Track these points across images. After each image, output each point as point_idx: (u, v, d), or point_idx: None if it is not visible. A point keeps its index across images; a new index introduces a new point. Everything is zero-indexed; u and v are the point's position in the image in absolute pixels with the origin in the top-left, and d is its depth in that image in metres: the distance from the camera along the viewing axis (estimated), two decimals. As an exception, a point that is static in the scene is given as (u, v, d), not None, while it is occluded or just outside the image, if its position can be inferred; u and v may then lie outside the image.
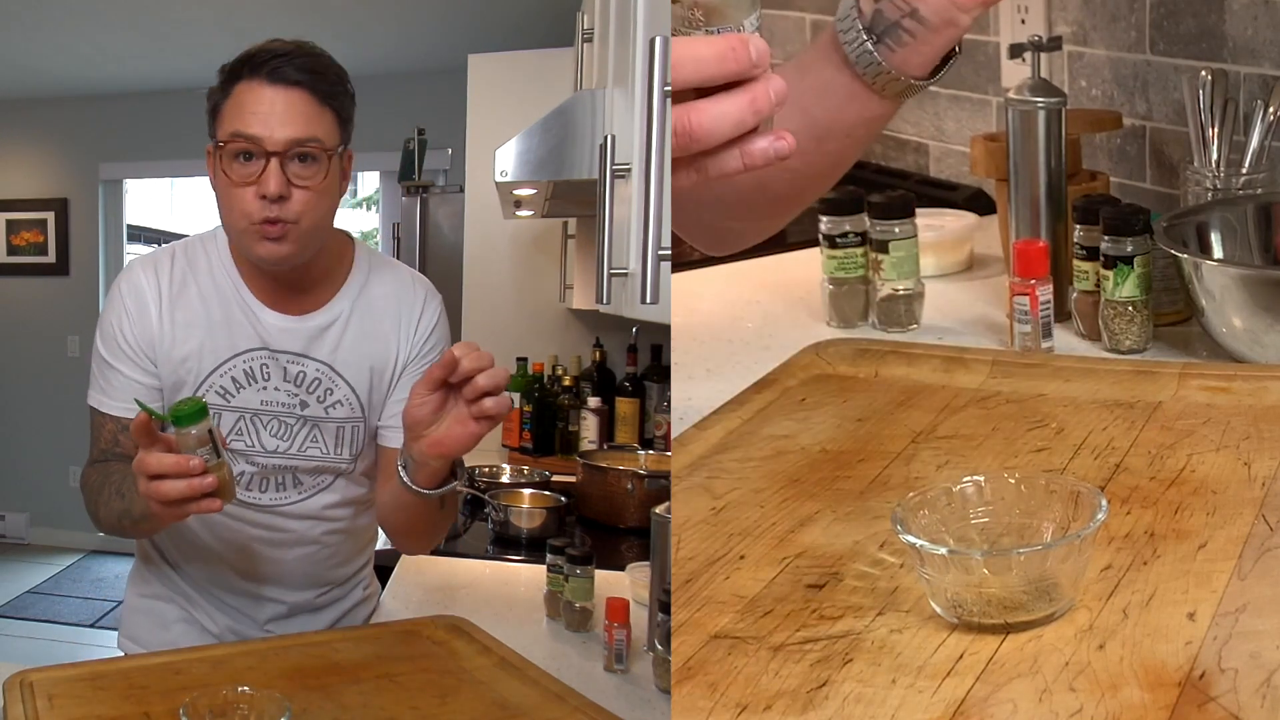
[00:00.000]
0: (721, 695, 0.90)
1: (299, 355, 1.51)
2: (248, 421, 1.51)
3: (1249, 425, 1.26)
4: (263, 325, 1.50)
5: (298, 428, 1.52)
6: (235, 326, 1.49)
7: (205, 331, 1.49)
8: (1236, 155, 1.73)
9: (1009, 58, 1.99)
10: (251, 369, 1.50)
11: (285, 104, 1.38)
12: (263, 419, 1.51)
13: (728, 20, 0.94)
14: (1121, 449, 1.23)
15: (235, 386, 1.50)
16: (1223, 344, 1.51)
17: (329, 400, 1.52)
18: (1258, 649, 0.88)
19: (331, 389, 1.52)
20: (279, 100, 1.38)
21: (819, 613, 0.99)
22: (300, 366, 1.51)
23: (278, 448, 1.52)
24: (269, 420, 1.51)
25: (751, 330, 1.79)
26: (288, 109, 1.38)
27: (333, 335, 1.51)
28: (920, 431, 1.31)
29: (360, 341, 1.53)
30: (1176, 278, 1.56)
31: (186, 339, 1.49)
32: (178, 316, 1.49)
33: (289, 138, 1.37)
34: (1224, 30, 1.83)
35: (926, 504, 1.00)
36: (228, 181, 1.40)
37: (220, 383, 1.49)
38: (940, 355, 1.49)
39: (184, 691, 1.24)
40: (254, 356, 1.49)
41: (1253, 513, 1.08)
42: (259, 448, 1.52)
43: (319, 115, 1.40)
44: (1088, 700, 0.85)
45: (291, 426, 1.52)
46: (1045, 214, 1.72)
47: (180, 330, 1.49)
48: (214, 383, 1.49)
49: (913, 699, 0.87)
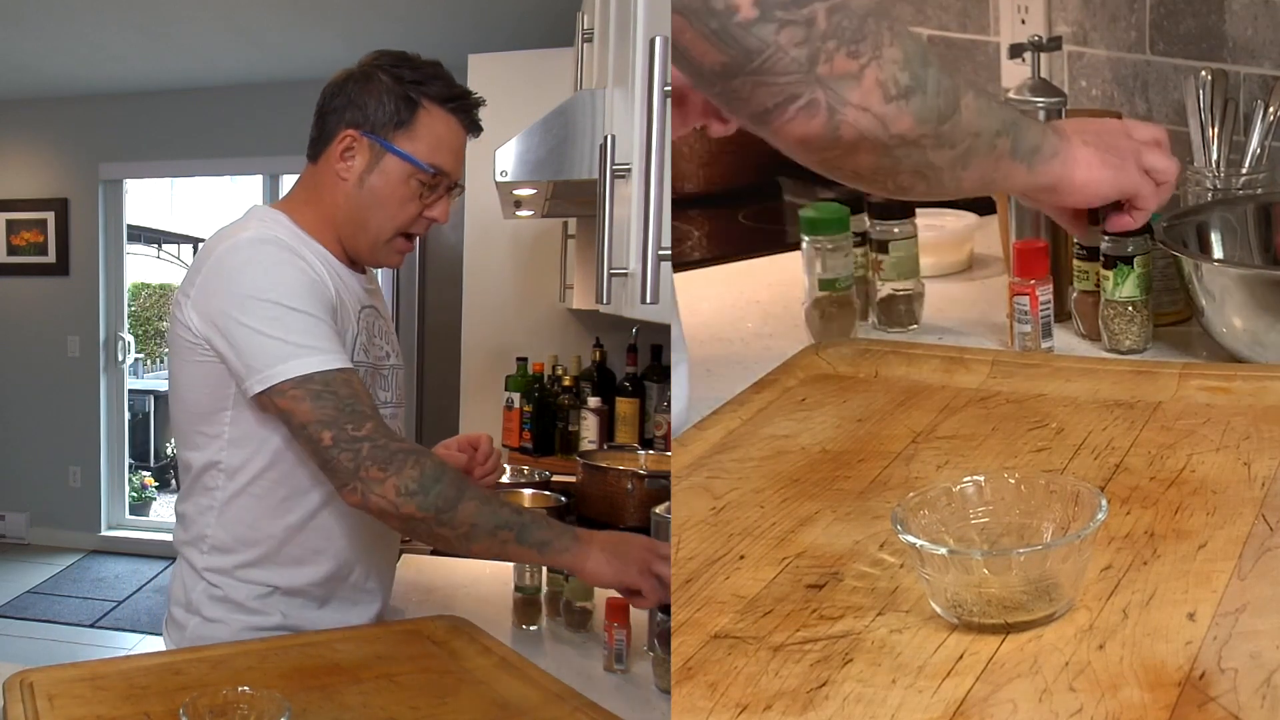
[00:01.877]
0: (721, 695, 0.90)
1: (378, 311, 1.62)
2: (369, 375, 1.54)
3: (1249, 425, 1.26)
4: (357, 285, 1.58)
5: (390, 377, 1.62)
6: (346, 286, 1.54)
7: (336, 290, 1.49)
8: (1236, 155, 1.73)
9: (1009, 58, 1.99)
10: (368, 323, 1.57)
11: (464, 150, 1.57)
12: (377, 373, 1.58)
13: None
14: (1121, 449, 1.23)
15: (368, 339, 1.56)
16: (1223, 344, 1.51)
17: (398, 349, 1.66)
18: (1258, 649, 0.88)
19: (395, 340, 1.66)
20: (464, 143, 1.57)
21: (819, 613, 0.99)
22: (380, 320, 1.62)
23: (386, 399, 1.59)
24: (378, 374, 1.59)
25: (751, 330, 1.79)
26: (464, 155, 1.57)
27: (379, 295, 1.65)
28: (920, 431, 1.31)
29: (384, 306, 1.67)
30: (1176, 278, 1.56)
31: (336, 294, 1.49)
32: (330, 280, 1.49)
33: (460, 177, 1.58)
34: (1224, 30, 1.83)
35: (926, 504, 1.00)
36: (407, 197, 1.52)
37: (361, 339, 1.55)
38: (940, 355, 1.49)
39: (184, 691, 1.24)
40: (364, 314, 1.57)
41: (1253, 513, 1.08)
42: (380, 400, 1.56)
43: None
44: (1088, 700, 0.85)
45: (386, 377, 1.60)
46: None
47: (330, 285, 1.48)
48: (358, 338, 1.54)
49: (913, 699, 0.87)
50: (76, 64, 5.20)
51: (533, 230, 3.50)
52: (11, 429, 6.16)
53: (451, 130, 1.54)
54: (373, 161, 1.51)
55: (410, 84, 1.52)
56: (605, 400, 3.19)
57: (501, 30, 4.22)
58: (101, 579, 5.68)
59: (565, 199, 2.43)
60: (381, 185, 1.52)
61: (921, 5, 2.48)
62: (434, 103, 1.52)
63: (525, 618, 1.75)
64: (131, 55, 5.08)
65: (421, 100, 1.51)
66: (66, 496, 6.16)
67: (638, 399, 3.17)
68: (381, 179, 1.51)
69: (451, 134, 1.54)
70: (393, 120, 1.51)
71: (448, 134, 1.54)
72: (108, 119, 5.90)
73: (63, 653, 4.42)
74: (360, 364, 1.51)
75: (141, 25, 4.55)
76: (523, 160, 1.78)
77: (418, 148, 1.51)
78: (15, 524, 6.21)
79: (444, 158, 1.53)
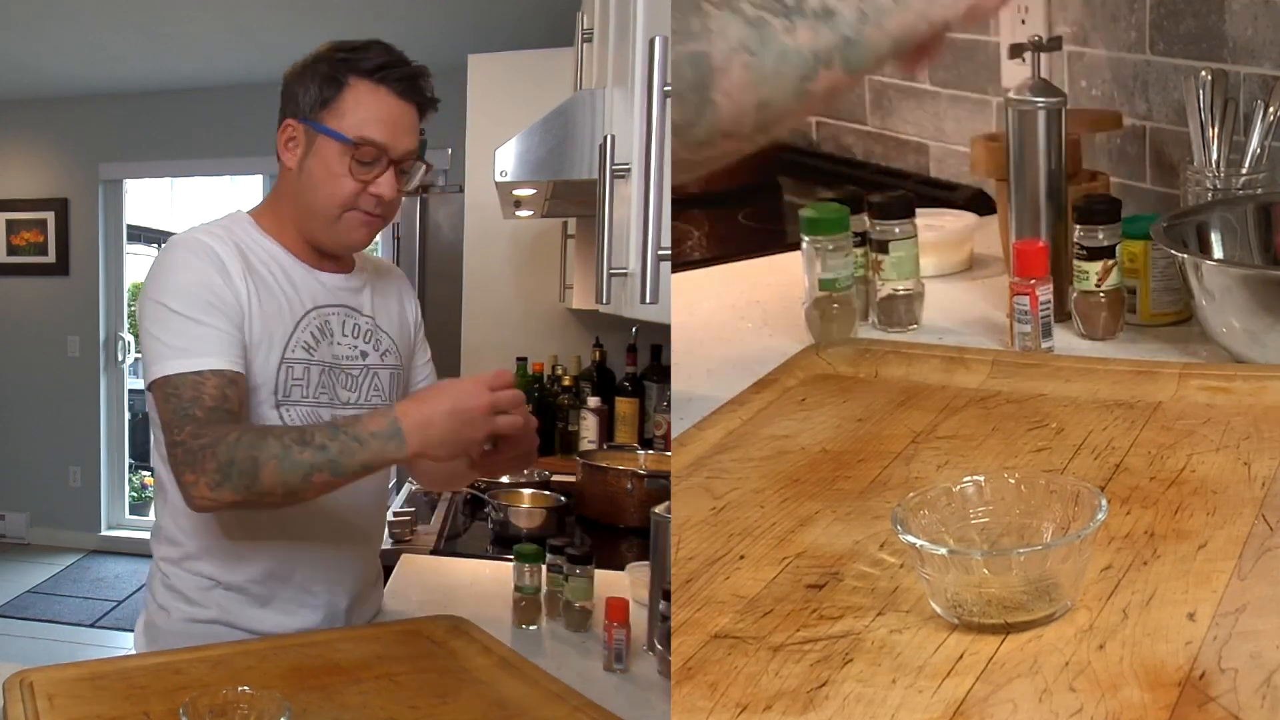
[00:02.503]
0: (721, 695, 0.90)
1: (352, 309, 1.60)
2: (327, 375, 1.55)
3: (1249, 425, 1.26)
4: (319, 283, 1.57)
5: (361, 378, 1.60)
6: (299, 287, 1.55)
7: (278, 292, 1.53)
8: (1236, 155, 1.73)
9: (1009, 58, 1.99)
10: (324, 324, 1.56)
11: (406, 118, 1.52)
12: (335, 372, 1.56)
13: None
14: (1121, 449, 1.23)
15: (315, 340, 1.55)
16: (1223, 344, 1.51)
17: (381, 348, 1.63)
18: (1258, 649, 0.88)
19: (380, 339, 1.63)
20: (404, 114, 1.52)
21: (819, 613, 0.99)
22: (354, 319, 1.60)
23: (349, 400, 1.58)
24: (339, 373, 1.57)
25: (751, 330, 1.78)
26: (408, 124, 1.53)
27: (367, 294, 1.63)
28: (920, 431, 1.31)
29: (384, 302, 1.66)
30: (1177, 278, 1.56)
31: (266, 299, 1.51)
32: (252, 278, 1.51)
33: (407, 149, 1.53)
34: (1224, 30, 1.83)
35: (926, 504, 1.00)
36: (342, 174, 1.50)
37: (303, 339, 1.54)
38: (940, 355, 1.49)
39: (184, 691, 1.25)
40: (320, 314, 1.56)
41: (1253, 513, 1.08)
42: (337, 400, 1.56)
43: (417, 131, 1.55)
44: (1088, 700, 0.85)
45: (356, 378, 1.59)
46: (1045, 214, 1.72)
47: (261, 289, 1.51)
48: (298, 339, 1.53)
49: (913, 699, 0.87)
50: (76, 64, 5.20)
51: (533, 230, 3.50)
52: (11, 429, 6.17)
53: (381, 101, 1.51)
54: (308, 145, 1.52)
55: (339, 63, 1.52)
56: (605, 400, 3.19)
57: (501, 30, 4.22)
58: (101, 579, 5.68)
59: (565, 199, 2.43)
60: (317, 166, 1.52)
61: (921, 5, 2.48)
62: (361, 77, 1.51)
63: (525, 618, 1.75)
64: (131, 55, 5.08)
65: (347, 77, 1.51)
66: (66, 496, 6.16)
67: (637, 399, 3.17)
68: (317, 161, 1.52)
69: (382, 105, 1.51)
70: (318, 101, 1.51)
71: (377, 106, 1.51)
72: (108, 119, 5.90)
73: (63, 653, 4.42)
74: (294, 361, 1.51)
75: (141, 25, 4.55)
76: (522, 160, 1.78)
77: (344, 123, 1.50)
78: (15, 524, 6.21)
79: (373, 129, 1.50)
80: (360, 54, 1.53)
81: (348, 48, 1.54)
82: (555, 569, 1.78)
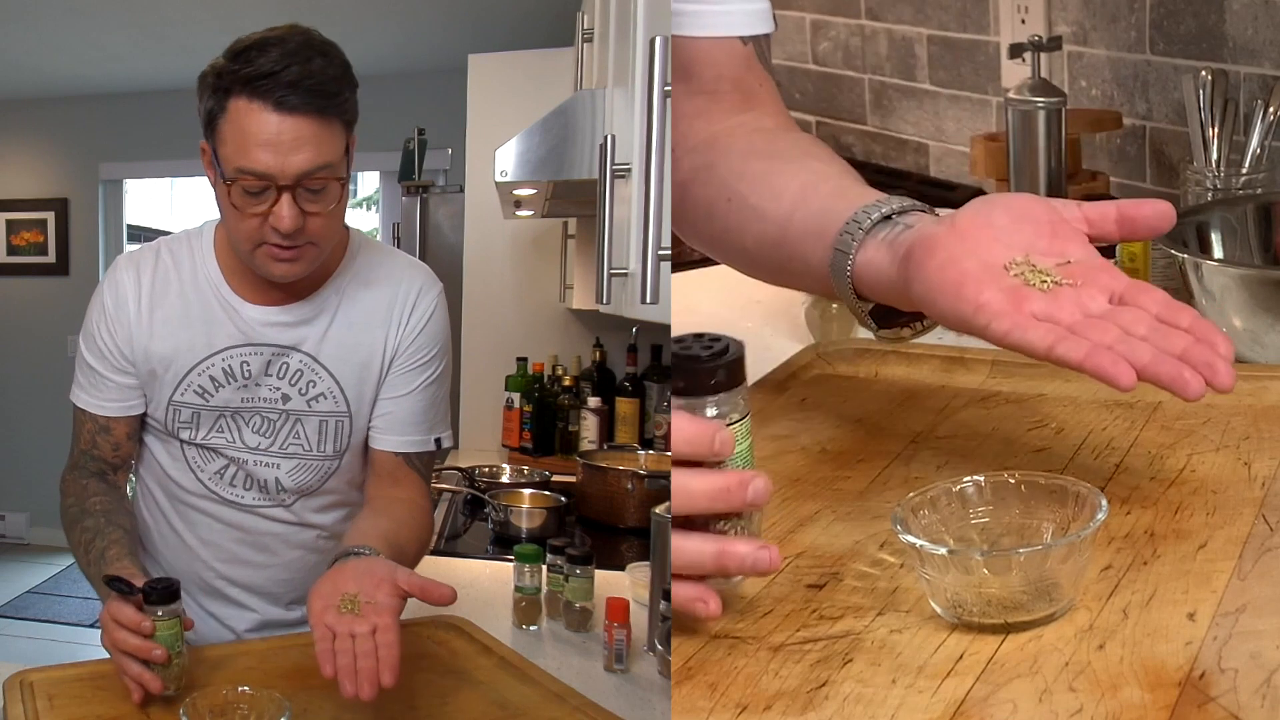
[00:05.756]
0: (721, 695, 0.90)
1: (282, 348, 1.47)
2: (228, 419, 1.49)
3: (1249, 425, 1.26)
4: (244, 320, 1.46)
5: (280, 423, 1.49)
6: (215, 324, 1.46)
7: (184, 330, 1.47)
8: (1236, 155, 1.73)
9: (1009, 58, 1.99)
10: (231, 367, 1.46)
11: (293, 133, 1.27)
12: (244, 415, 1.49)
13: None
14: (1121, 449, 1.23)
15: (214, 385, 1.47)
16: (1223, 344, 1.51)
17: (311, 393, 1.48)
18: (1258, 649, 0.88)
19: (314, 381, 1.48)
20: (286, 129, 1.27)
21: (819, 613, 0.99)
22: (283, 359, 1.47)
23: (259, 444, 1.50)
24: (251, 416, 1.49)
25: (751, 330, 1.78)
26: (296, 139, 1.28)
27: (318, 326, 1.47)
28: (920, 431, 1.31)
29: (346, 333, 1.48)
30: (1177, 278, 1.56)
31: (165, 337, 1.47)
32: (157, 315, 1.47)
33: (300, 171, 1.29)
34: (1224, 30, 1.83)
35: (926, 504, 1.00)
36: (236, 212, 1.33)
37: (199, 382, 1.47)
38: (940, 355, 1.49)
39: (184, 691, 1.25)
40: (234, 354, 1.46)
41: (1253, 513, 1.08)
42: (240, 444, 1.50)
43: (328, 136, 1.31)
44: (1088, 700, 0.85)
45: (274, 422, 1.49)
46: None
47: (159, 328, 1.47)
48: (192, 382, 1.47)
49: (913, 699, 0.87)
50: (76, 64, 5.20)
51: (533, 230, 3.50)
52: (11, 429, 6.17)
53: (259, 120, 1.27)
54: (211, 171, 1.36)
55: (222, 74, 1.30)
56: (605, 400, 3.19)
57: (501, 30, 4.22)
58: (101, 579, 5.68)
59: (565, 199, 2.43)
60: (220, 198, 1.36)
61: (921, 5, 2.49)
62: (239, 93, 1.28)
63: (525, 618, 1.75)
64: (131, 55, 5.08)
65: (228, 93, 1.29)
66: (66, 496, 6.15)
67: (638, 399, 3.17)
68: (218, 192, 1.35)
69: (261, 124, 1.27)
70: (206, 121, 1.33)
71: (256, 126, 1.27)
72: (108, 119, 5.90)
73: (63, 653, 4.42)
74: (182, 405, 1.48)
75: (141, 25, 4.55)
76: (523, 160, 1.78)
77: (224, 151, 1.30)
78: (15, 524, 6.21)
79: (252, 156, 1.28)
80: (244, 59, 1.28)
81: (240, 48, 1.30)
82: (555, 569, 1.78)
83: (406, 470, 1.54)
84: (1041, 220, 1.05)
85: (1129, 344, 0.95)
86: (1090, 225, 1.06)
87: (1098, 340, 0.96)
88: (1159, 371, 0.93)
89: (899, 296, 1.09)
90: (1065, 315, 0.98)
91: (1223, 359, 0.94)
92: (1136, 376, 0.93)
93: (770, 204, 1.21)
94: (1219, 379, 0.93)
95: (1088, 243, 1.05)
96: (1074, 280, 1.01)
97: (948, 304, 1.01)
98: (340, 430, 1.51)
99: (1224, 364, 0.94)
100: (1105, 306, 1.00)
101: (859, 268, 1.12)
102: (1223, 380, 0.93)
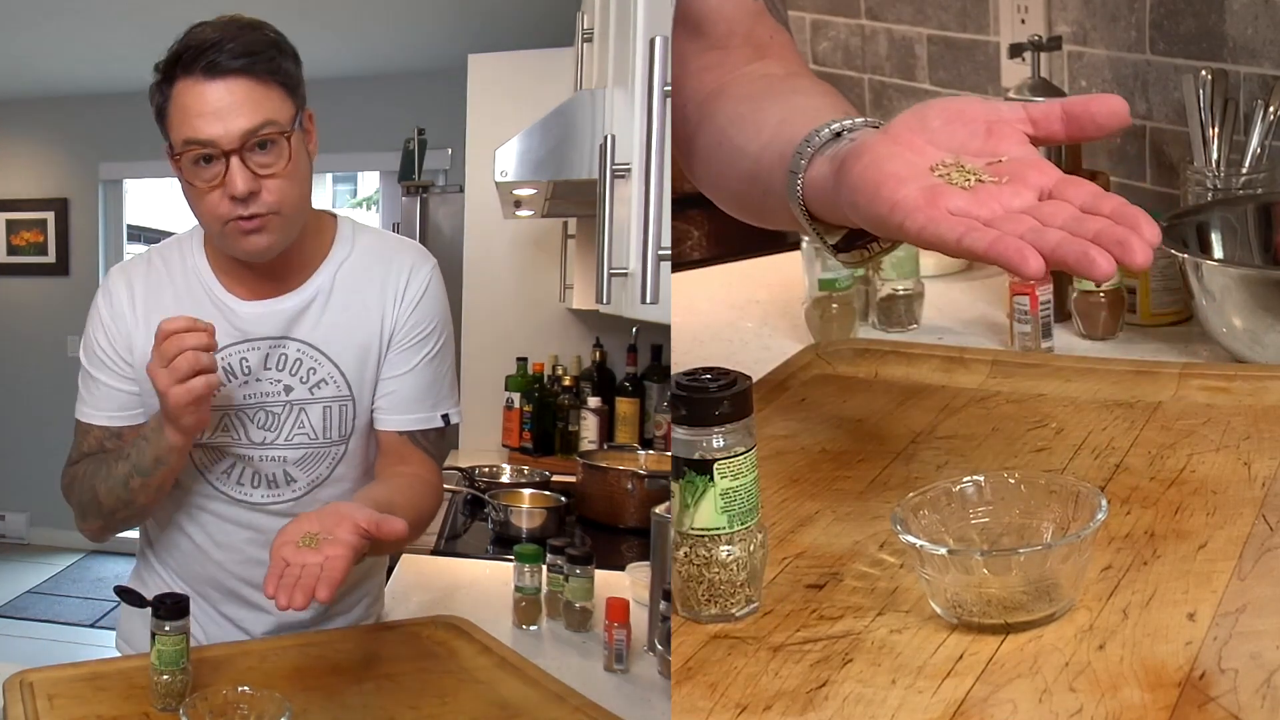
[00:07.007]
0: (721, 695, 0.90)
1: (279, 339, 1.47)
2: (233, 418, 1.48)
3: (1249, 425, 1.26)
4: (238, 316, 1.46)
5: (284, 415, 1.48)
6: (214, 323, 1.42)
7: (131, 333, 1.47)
8: (1236, 155, 1.73)
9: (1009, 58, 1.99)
10: (231, 365, 1.46)
11: (229, 96, 1.33)
12: (248, 412, 1.47)
13: None
14: (1121, 449, 1.23)
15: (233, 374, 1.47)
16: (1223, 344, 1.51)
17: (312, 380, 1.48)
18: (1258, 649, 0.88)
19: (315, 368, 1.48)
20: (222, 94, 1.33)
21: (819, 613, 0.99)
22: (281, 350, 1.47)
23: (265, 439, 1.48)
24: (255, 412, 1.48)
25: (751, 330, 1.79)
26: (233, 101, 1.33)
27: (313, 313, 1.47)
28: (920, 431, 1.31)
29: (343, 316, 1.48)
30: (1177, 278, 1.56)
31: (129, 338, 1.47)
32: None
33: (243, 130, 1.33)
34: (1224, 30, 1.83)
35: (926, 504, 1.00)
36: (193, 189, 1.37)
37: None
38: (940, 355, 1.49)
39: (184, 692, 1.25)
40: (232, 351, 1.46)
41: (1253, 513, 1.08)
42: (245, 440, 1.48)
43: (266, 96, 1.35)
44: (1088, 700, 0.85)
45: (278, 415, 1.48)
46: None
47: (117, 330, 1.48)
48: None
49: (913, 699, 0.87)
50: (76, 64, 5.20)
51: (533, 230, 3.50)
52: (11, 429, 6.16)
53: (195, 91, 1.34)
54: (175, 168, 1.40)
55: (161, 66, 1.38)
56: (605, 400, 3.19)
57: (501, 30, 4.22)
58: (101, 579, 5.68)
59: (565, 199, 2.43)
60: (181, 183, 1.40)
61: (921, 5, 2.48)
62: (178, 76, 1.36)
63: (525, 618, 1.75)
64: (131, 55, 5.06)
65: (170, 81, 1.37)
66: (67, 496, 6.15)
67: (638, 399, 3.17)
68: (178, 174, 1.40)
69: (198, 96, 1.34)
70: (157, 116, 1.40)
71: (193, 98, 1.34)
72: (108, 119, 5.89)
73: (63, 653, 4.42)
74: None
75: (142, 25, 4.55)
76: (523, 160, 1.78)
77: (173, 133, 1.38)
78: (15, 524, 6.21)
79: (193, 126, 1.34)
80: (177, 48, 1.36)
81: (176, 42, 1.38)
82: (555, 569, 1.78)
83: (412, 449, 1.53)
84: (977, 120, 1.00)
85: (1040, 233, 0.89)
86: (1034, 125, 0.99)
87: (1010, 231, 0.89)
88: (1065, 254, 0.86)
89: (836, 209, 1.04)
90: (984, 211, 0.92)
91: (1139, 237, 0.86)
92: (1044, 263, 0.86)
93: (751, 141, 1.17)
94: (1130, 255, 0.85)
95: (1026, 142, 0.98)
96: (1001, 178, 0.95)
97: (866, 204, 0.95)
98: (344, 414, 1.50)
99: (1139, 240, 0.86)
100: (1031, 202, 0.94)
101: (806, 187, 1.07)
102: (1135, 258, 0.85)
